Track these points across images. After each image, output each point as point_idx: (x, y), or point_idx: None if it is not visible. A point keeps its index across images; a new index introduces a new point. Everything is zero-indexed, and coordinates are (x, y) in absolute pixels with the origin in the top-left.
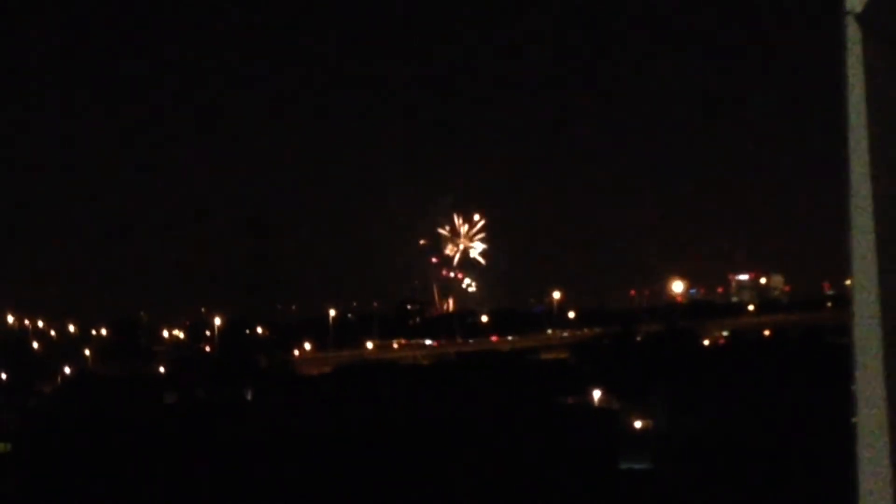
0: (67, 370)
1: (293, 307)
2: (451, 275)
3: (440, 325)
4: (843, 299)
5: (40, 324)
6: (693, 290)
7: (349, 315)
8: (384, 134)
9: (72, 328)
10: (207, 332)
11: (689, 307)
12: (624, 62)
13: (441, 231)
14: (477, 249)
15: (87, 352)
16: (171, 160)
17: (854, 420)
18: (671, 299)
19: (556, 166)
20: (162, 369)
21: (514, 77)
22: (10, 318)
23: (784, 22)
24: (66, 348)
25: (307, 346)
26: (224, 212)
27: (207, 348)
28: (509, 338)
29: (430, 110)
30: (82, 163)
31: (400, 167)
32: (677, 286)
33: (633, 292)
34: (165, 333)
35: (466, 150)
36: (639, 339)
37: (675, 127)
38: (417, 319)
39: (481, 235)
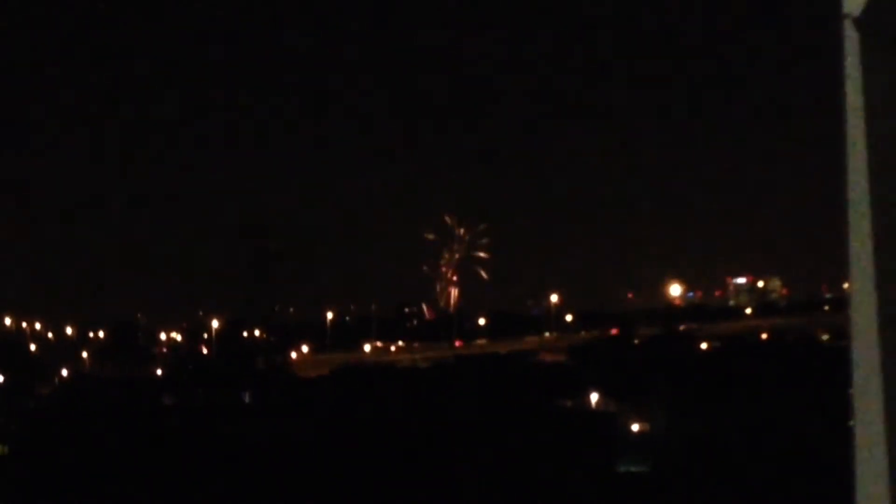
0: (65, 372)
1: (291, 310)
2: (451, 278)
3: (438, 328)
4: (842, 303)
5: (38, 326)
6: (691, 294)
7: (346, 318)
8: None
9: (69, 330)
10: (205, 335)
11: (686, 310)
12: (621, 65)
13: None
14: (477, 255)
15: (84, 354)
16: (170, 161)
17: (852, 423)
18: (669, 302)
19: (555, 168)
20: (159, 371)
21: (512, 79)
22: (8, 321)
23: (782, 25)
24: (63, 350)
25: (305, 348)
26: (222, 214)
27: (205, 350)
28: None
29: (430, 113)
30: (80, 163)
31: (398, 170)
32: (675, 289)
33: (630, 295)
34: (163, 336)
35: (465, 152)
36: (636, 341)
37: (673, 129)
38: (415, 322)
39: (482, 240)
